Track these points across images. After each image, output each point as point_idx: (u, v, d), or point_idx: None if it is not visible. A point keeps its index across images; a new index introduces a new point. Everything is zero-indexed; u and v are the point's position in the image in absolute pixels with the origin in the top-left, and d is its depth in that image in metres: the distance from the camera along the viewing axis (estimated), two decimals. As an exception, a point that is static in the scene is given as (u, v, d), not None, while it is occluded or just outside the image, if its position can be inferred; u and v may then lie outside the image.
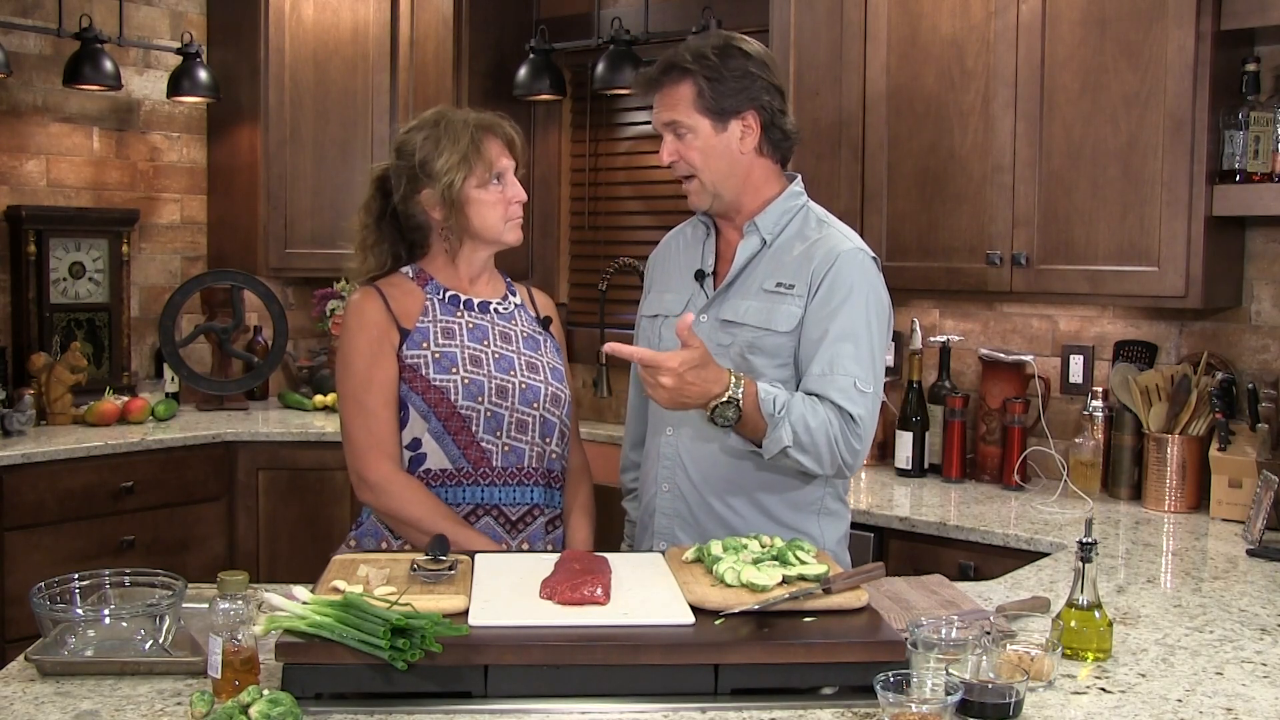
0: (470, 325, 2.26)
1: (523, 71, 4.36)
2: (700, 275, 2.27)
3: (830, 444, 2.04)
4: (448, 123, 2.24)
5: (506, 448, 2.22)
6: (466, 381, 2.20)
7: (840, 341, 2.09)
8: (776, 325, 2.15)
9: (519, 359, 2.27)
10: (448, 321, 2.25)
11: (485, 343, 2.26)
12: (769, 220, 2.22)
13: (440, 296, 2.27)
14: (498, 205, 2.25)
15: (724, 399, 1.98)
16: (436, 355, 2.21)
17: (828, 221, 2.25)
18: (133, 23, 4.43)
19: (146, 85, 4.54)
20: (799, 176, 2.29)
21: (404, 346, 2.21)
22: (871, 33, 3.38)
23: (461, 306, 2.28)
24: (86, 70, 4.09)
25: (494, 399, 2.21)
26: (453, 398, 2.19)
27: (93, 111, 4.40)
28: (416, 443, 2.22)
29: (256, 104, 4.42)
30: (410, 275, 2.30)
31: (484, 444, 2.21)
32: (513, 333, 2.31)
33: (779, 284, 2.17)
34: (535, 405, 2.25)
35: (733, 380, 1.99)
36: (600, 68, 4.15)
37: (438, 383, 2.19)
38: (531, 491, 2.26)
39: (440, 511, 2.16)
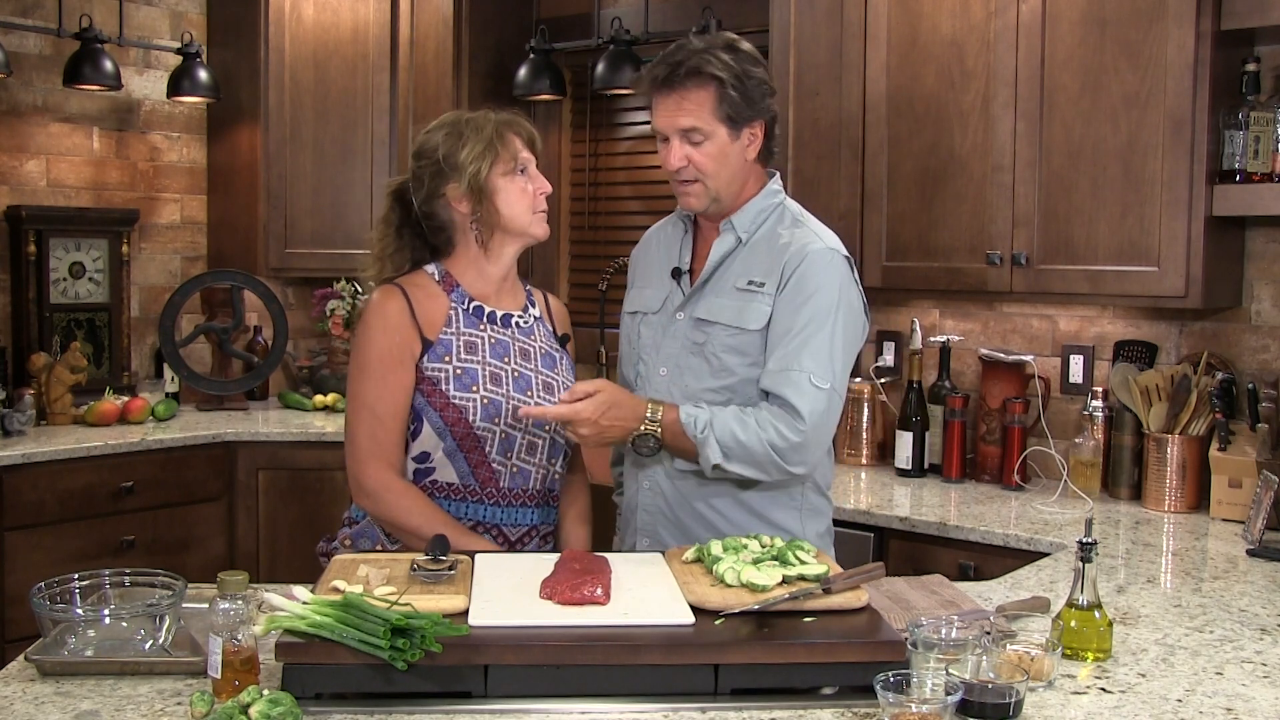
0: (493, 340, 2.23)
1: (523, 71, 4.36)
2: (677, 273, 2.28)
3: (766, 450, 2.07)
4: (468, 119, 2.23)
5: (515, 469, 2.21)
6: (485, 401, 2.16)
7: (801, 337, 2.10)
8: (747, 324, 2.16)
9: (536, 378, 2.24)
10: (471, 335, 2.21)
11: (506, 359, 2.22)
12: (745, 219, 2.23)
13: (465, 306, 2.23)
14: (524, 195, 2.22)
15: (642, 431, 2.08)
16: (458, 371, 2.17)
17: (802, 220, 2.25)
18: (133, 23, 4.43)
19: (146, 85, 4.54)
20: (778, 174, 2.30)
21: (425, 358, 2.17)
22: (871, 33, 3.38)
23: (485, 319, 2.24)
24: (86, 70, 4.09)
25: (509, 420, 2.18)
26: (470, 418, 2.15)
27: (93, 111, 4.41)
28: (425, 456, 2.19)
29: (256, 104, 4.42)
30: (436, 277, 2.25)
31: (494, 465, 2.19)
32: (532, 349, 2.28)
33: (750, 282, 2.18)
34: (547, 428, 2.23)
35: (649, 411, 2.09)
36: (600, 68, 4.15)
37: (457, 400, 2.15)
38: (532, 513, 2.25)
39: (439, 519, 2.14)
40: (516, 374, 2.22)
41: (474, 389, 2.16)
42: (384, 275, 2.27)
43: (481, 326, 2.23)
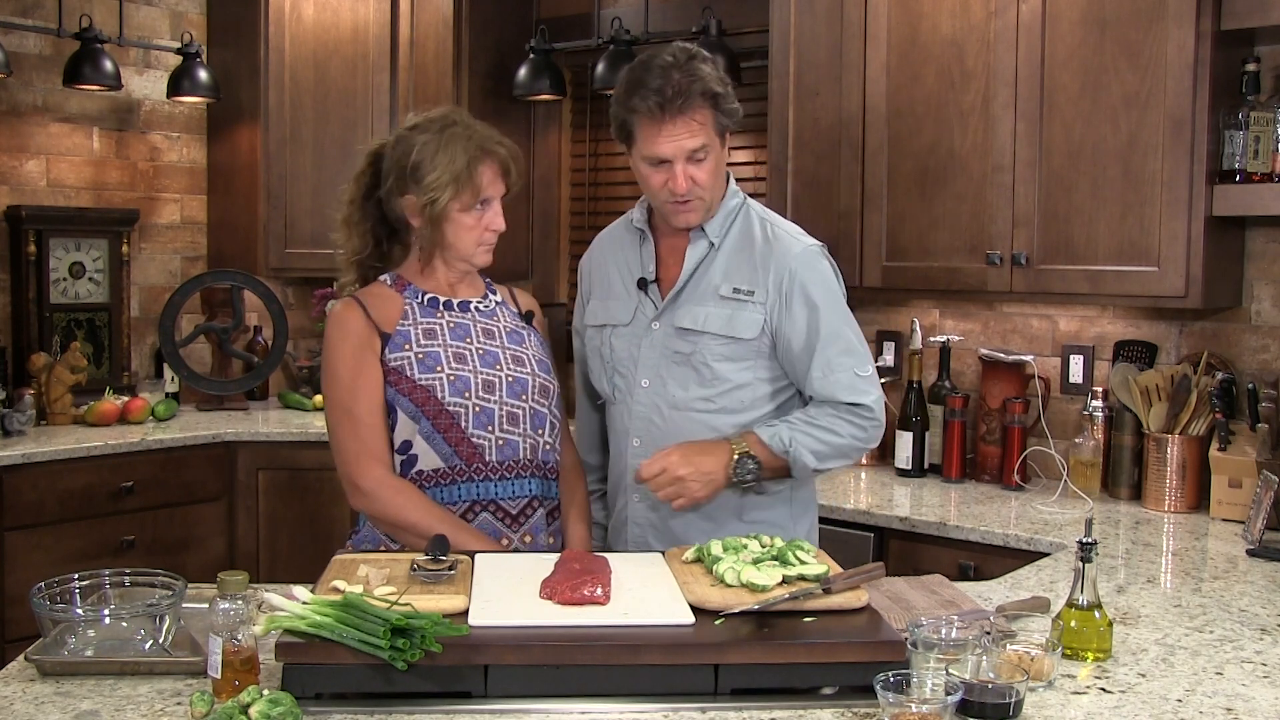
0: (451, 324, 2.26)
1: (523, 71, 4.36)
2: (643, 283, 2.27)
3: (850, 441, 2.18)
4: (452, 134, 2.20)
5: (501, 441, 2.21)
6: (452, 378, 2.19)
7: (829, 342, 2.18)
8: (740, 332, 2.19)
9: (504, 353, 2.26)
10: (428, 323, 2.24)
11: (468, 340, 2.25)
12: (716, 224, 2.24)
13: (419, 300, 2.26)
14: (474, 230, 2.22)
15: (737, 456, 2.11)
16: (420, 356, 2.20)
17: (769, 219, 2.28)
18: (133, 23, 4.43)
19: (146, 85, 4.54)
20: (731, 174, 2.31)
21: (386, 350, 2.20)
22: (871, 33, 3.38)
23: (441, 307, 2.27)
24: (86, 70, 4.09)
25: (481, 394, 2.20)
26: (440, 395, 2.17)
27: (93, 111, 4.40)
28: (407, 445, 2.20)
29: (256, 104, 4.42)
30: (389, 283, 2.29)
31: (475, 440, 2.19)
32: (495, 328, 2.30)
33: (736, 289, 2.20)
34: (524, 397, 2.24)
35: (730, 441, 2.14)
36: (600, 68, 4.15)
37: (423, 382, 2.18)
38: (529, 484, 2.24)
39: (436, 514, 2.15)
40: (482, 351, 2.24)
41: (438, 369, 2.19)
42: (351, 248, 2.32)
43: (439, 314, 2.26)
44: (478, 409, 2.19)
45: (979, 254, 3.22)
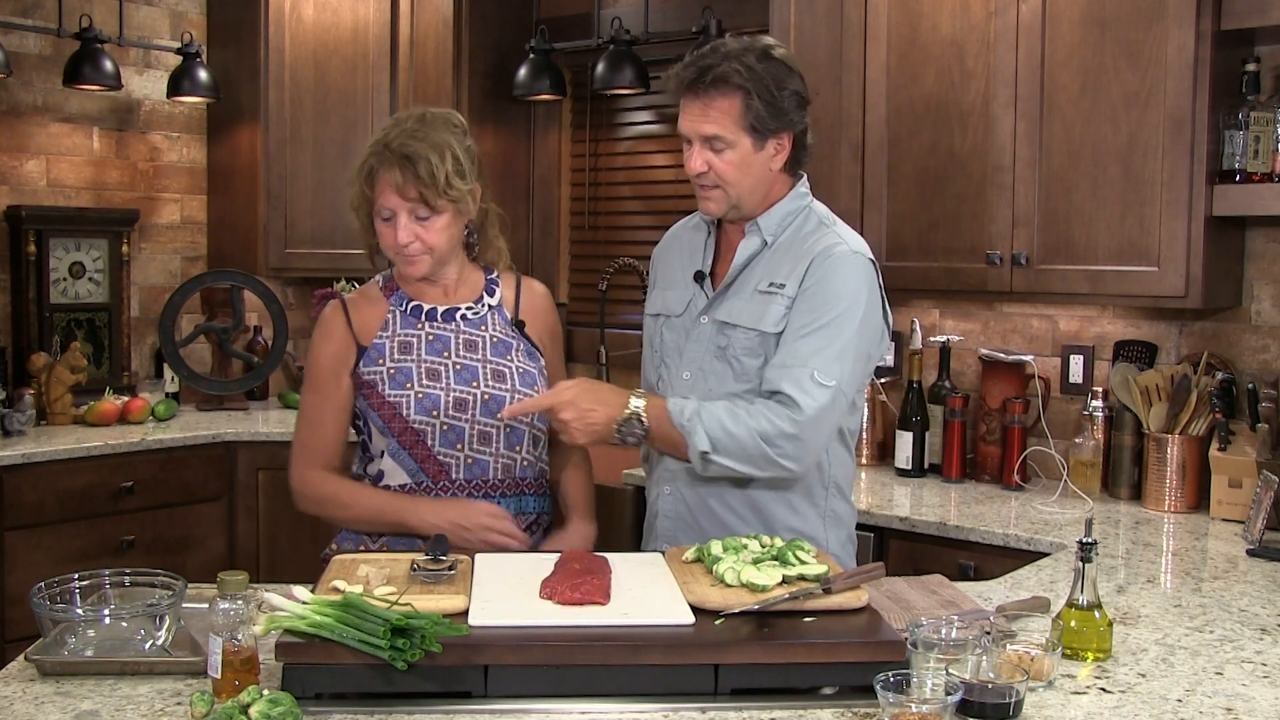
0: (430, 337, 2.23)
1: (523, 71, 4.36)
2: (699, 276, 2.26)
3: (755, 440, 2.01)
4: (378, 137, 2.19)
5: (469, 460, 2.20)
6: (420, 396, 2.17)
7: (812, 334, 2.07)
8: (765, 325, 2.13)
9: (484, 368, 2.22)
10: (406, 335, 2.22)
11: (446, 354, 2.22)
12: (772, 221, 2.21)
13: (403, 308, 2.25)
14: (386, 239, 2.18)
15: (627, 414, 2.03)
16: (392, 371, 2.19)
17: (828, 222, 2.23)
18: (133, 23, 4.43)
19: (146, 85, 4.54)
20: (804, 176, 2.27)
21: (361, 364, 2.20)
22: (871, 33, 3.38)
23: (424, 318, 2.24)
24: (86, 70, 4.09)
25: (451, 412, 2.18)
26: (405, 412, 2.17)
27: (93, 111, 4.41)
28: (380, 455, 2.23)
29: (256, 104, 4.42)
30: (380, 284, 2.29)
31: (441, 457, 2.18)
32: (479, 340, 2.25)
33: (771, 284, 2.15)
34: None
35: (633, 396, 2.06)
36: (600, 68, 4.15)
37: (392, 398, 2.18)
38: (499, 503, 2.22)
39: (364, 494, 2.21)
40: (459, 366, 2.21)
41: (408, 386, 2.18)
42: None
43: (419, 325, 2.24)
44: (445, 427, 2.18)
45: (979, 254, 3.22)
